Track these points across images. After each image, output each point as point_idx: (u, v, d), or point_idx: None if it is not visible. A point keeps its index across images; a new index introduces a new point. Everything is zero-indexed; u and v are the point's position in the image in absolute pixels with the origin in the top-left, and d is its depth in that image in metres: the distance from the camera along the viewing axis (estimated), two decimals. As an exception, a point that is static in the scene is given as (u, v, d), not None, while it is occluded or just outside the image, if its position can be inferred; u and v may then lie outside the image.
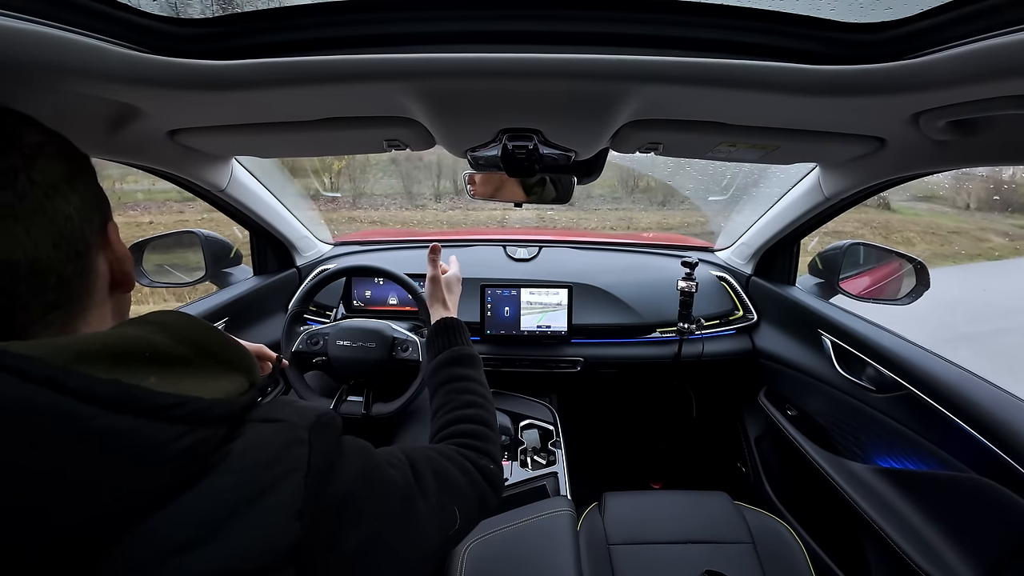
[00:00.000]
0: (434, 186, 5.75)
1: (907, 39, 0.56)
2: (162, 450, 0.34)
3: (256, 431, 0.41)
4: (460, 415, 0.72)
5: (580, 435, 1.69)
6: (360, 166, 2.07)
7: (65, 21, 0.53)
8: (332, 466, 0.44)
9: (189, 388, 0.38)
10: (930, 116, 0.68)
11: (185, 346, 0.40)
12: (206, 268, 1.52)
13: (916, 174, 0.99)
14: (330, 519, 0.42)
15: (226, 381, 0.42)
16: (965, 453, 0.96)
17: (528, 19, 0.59)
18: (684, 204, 4.58)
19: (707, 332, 1.64)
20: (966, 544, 0.94)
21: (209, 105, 0.76)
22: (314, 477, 0.41)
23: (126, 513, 0.33)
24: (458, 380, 0.79)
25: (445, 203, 5.59)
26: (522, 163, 0.93)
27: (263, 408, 0.45)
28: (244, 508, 0.36)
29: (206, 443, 0.37)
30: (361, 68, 0.62)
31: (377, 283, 1.66)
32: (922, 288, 1.31)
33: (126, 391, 0.33)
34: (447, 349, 0.85)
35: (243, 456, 0.39)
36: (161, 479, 0.35)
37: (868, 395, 1.21)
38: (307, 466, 0.40)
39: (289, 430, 0.42)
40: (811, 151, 0.99)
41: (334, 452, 0.45)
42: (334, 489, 0.43)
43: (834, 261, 1.49)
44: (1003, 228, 6.93)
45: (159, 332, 0.39)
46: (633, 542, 1.13)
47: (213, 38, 0.61)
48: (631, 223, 4.99)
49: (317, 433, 0.44)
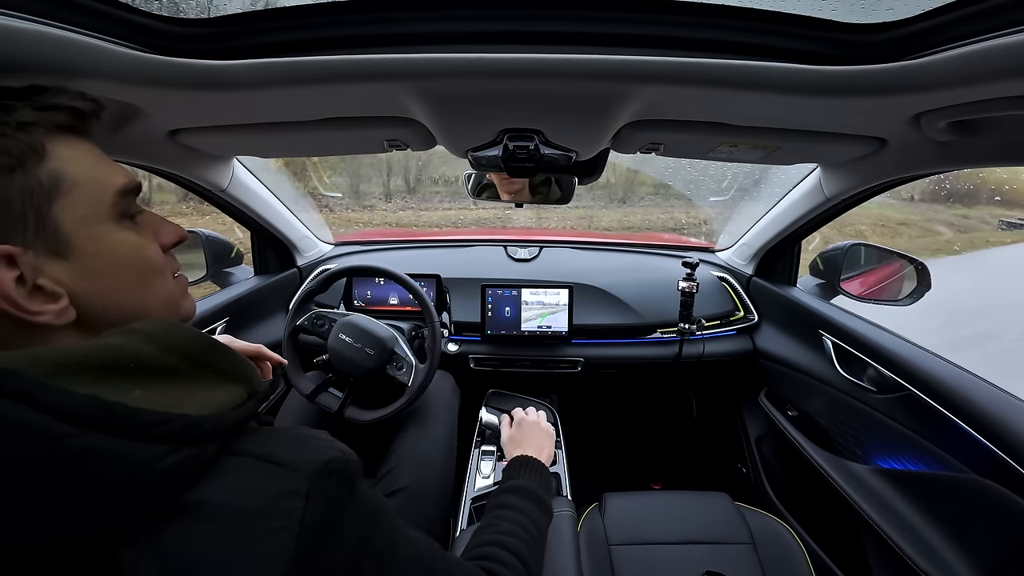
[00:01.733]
0: (384, 184, 5.43)
1: (908, 40, 0.56)
2: (142, 472, 0.32)
3: (249, 471, 0.38)
4: (496, 539, 0.70)
5: (580, 435, 1.69)
6: (302, 162, 1.99)
7: (66, 21, 0.53)
8: (332, 525, 0.39)
9: (178, 401, 0.36)
10: (931, 117, 0.68)
11: (174, 356, 0.38)
12: (207, 268, 1.52)
13: (917, 175, 0.99)
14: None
15: (221, 392, 0.40)
16: (966, 454, 0.95)
17: (530, 19, 0.59)
18: (644, 201, 4.53)
19: (708, 333, 1.64)
20: (967, 545, 0.94)
21: (210, 105, 0.76)
22: (306, 537, 0.36)
23: (99, 543, 0.31)
24: (509, 508, 0.78)
25: (396, 203, 5.32)
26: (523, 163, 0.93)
27: (267, 443, 0.41)
28: (221, 563, 0.33)
29: (191, 462, 0.35)
30: (362, 68, 0.62)
31: (378, 283, 1.66)
32: (923, 289, 1.31)
33: (105, 408, 0.32)
34: (512, 479, 0.88)
35: (228, 504, 0.35)
36: (139, 506, 0.32)
37: (869, 396, 1.20)
38: (299, 525, 0.36)
39: (287, 477, 0.38)
40: (812, 151, 0.99)
41: (338, 509, 0.40)
42: (330, 553, 0.39)
43: (835, 262, 1.49)
44: (947, 218, 7.20)
45: (145, 342, 0.37)
46: (633, 543, 1.12)
47: (214, 38, 0.61)
48: (591, 222, 4.94)
49: (319, 484, 0.39)
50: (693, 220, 3.61)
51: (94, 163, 0.43)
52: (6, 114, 0.39)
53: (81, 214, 0.40)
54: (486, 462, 1.31)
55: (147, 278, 0.46)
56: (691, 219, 3.68)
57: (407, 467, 1.11)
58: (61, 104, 0.42)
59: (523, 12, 0.59)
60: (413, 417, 1.24)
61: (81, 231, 0.40)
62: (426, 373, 1.20)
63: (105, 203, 0.42)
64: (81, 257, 0.40)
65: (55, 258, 0.39)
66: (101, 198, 0.42)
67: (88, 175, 0.41)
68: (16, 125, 0.38)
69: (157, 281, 0.47)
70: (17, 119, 0.39)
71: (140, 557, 0.32)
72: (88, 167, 0.42)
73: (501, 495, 0.84)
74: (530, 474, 0.91)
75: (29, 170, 0.38)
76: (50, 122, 0.41)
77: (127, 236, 0.44)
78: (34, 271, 0.38)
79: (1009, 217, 7.20)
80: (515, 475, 0.91)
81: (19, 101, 0.40)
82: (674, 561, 1.08)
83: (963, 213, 7.34)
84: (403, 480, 1.08)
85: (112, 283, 0.43)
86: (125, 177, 0.44)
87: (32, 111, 0.40)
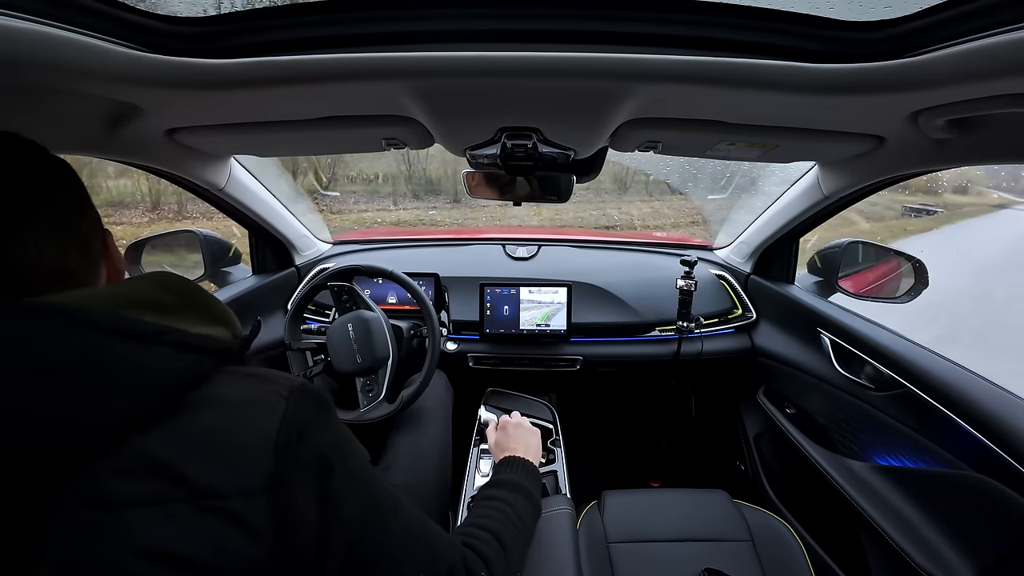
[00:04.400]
0: (291, 184, 5.29)
1: (906, 37, 0.56)
2: (149, 367, 0.40)
3: (239, 380, 0.46)
4: (473, 522, 0.76)
5: (579, 434, 1.69)
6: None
7: (64, 20, 0.53)
8: (308, 425, 0.46)
9: (179, 325, 0.44)
10: (929, 114, 0.68)
11: (171, 295, 0.46)
12: (205, 267, 1.51)
13: (915, 172, 0.99)
14: (300, 471, 0.44)
15: (210, 327, 0.48)
16: (963, 451, 0.96)
17: (527, 18, 0.59)
18: (603, 196, 4.47)
19: (706, 331, 1.64)
20: (964, 541, 0.94)
21: (208, 104, 0.75)
22: (288, 425, 0.44)
23: (116, 423, 0.37)
24: (493, 500, 0.85)
25: (302, 205, 5.21)
26: (521, 162, 0.93)
27: (254, 368, 0.49)
28: (222, 434, 0.40)
29: (192, 369, 0.43)
30: (360, 67, 0.62)
31: (376, 282, 1.66)
32: (921, 287, 1.31)
33: (120, 319, 0.40)
34: (497, 475, 0.95)
35: (223, 396, 0.43)
36: (148, 395, 0.39)
37: (867, 393, 1.21)
38: (282, 414, 0.44)
39: (270, 384, 0.46)
40: (810, 150, 0.99)
41: (312, 416, 0.47)
42: (309, 446, 0.45)
43: (833, 259, 1.49)
44: (858, 206, 7.21)
45: (154, 285, 0.46)
46: (633, 540, 1.13)
47: (212, 37, 0.61)
48: (558, 215, 4.87)
49: (298, 395, 0.46)
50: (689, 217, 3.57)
51: None
52: None
53: None
54: (485, 460, 1.31)
55: None
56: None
57: (403, 465, 1.12)
58: None
59: (520, 10, 0.59)
60: (408, 416, 1.24)
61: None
62: (386, 412, 1.20)
63: None
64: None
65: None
66: None
67: None
68: None
69: None
70: None
71: (151, 437, 0.38)
72: None
73: (484, 490, 0.90)
74: (512, 469, 0.96)
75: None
76: None
77: None
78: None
79: (911, 203, 7.20)
80: (500, 472, 0.96)
81: None
82: (673, 559, 1.08)
83: (871, 200, 7.35)
84: (399, 478, 1.08)
85: None
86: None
87: None
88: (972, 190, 8.74)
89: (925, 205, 7.58)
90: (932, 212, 7.50)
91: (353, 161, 4.69)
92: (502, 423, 1.15)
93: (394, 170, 6.84)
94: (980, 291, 4.78)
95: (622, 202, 7.97)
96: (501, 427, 1.14)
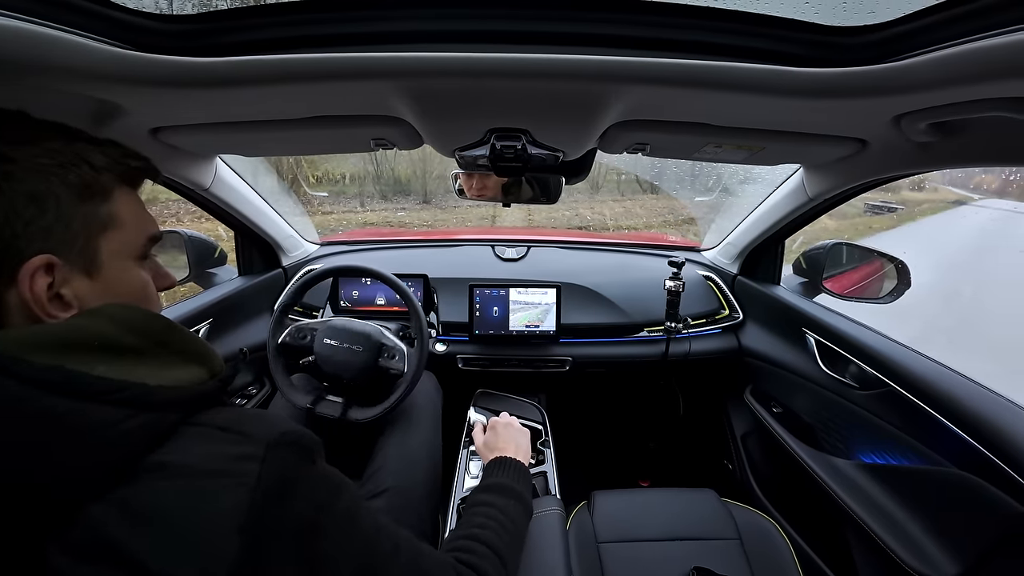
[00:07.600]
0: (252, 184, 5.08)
1: (889, 42, 0.57)
2: (104, 431, 0.36)
3: (207, 438, 0.42)
4: (469, 533, 0.75)
5: (569, 434, 1.69)
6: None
7: (47, 17, 0.52)
8: (290, 485, 0.43)
9: (142, 377, 0.40)
10: (912, 118, 0.70)
11: (133, 336, 0.43)
12: (190, 268, 1.49)
13: (898, 175, 1.01)
14: (279, 543, 0.40)
15: (182, 371, 0.45)
16: (945, 448, 0.98)
17: (516, 19, 0.59)
18: (575, 196, 4.39)
19: (694, 331, 1.66)
20: (947, 537, 0.96)
21: (193, 103, 0.74)
22: (263, 495, 0.40)
23: (69, 502, 0.35)
24: (482, 505, 0.83)
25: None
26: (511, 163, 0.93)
27: (229, 415, 0.45)
28: (180, 514, 0.37)
29: (151, 427, 0.39)
30: (348, 66, 0.61)
31: (364, 283, 1.65)
32: (903, 287, 1.33)
33: (66, 375, 0.37)
34: (489, 478, 0.93)
35: (184, 465, 0.39)
36: (105, 461, 0.37)
37: (851, 392, 1.22)
38: (254, 484, 0.40)
39: (243, 443, 0.42)
40: (795, 152, 1.00)
41: (294, 472, 0.44)
42: (291, 512, 0.42)
43: (818, 260, 1.51)
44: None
45: (108, 323, 0.42)
46: (622, 540, 1.13)
47: (198, 35, 0.60)
48: (527, 219, 4.82)
49: (276, 451, 0.43)
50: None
51: (140, 211, 0.52)
52: (87, 154, 0.46)
53: (117, 248, 0.49)
54: (475, 462, 1.30)
55: (142, 306, 0.52)
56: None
57: (393, 468, 1.11)
58: (131, 163, 0.51)
59: (509, 12, 0.59)
60: (397, 417, 1.23)
61: (113, 261, 0.48)
62: (419, 358, 1.20)
63: (137, 244, 0.51)
64: (103, 280, 0.47)
65: (83, 276, 0.46)
66: (136, 240, 0.51)
67: (133, 220, 0.51)
68: (93, 167, 0.46)
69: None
70: (94, 162, 0.47)
71: (108, 509, 0.36)
72: (135, 214, 0.51)
73: (475, 495, 0.88)
74: (504, 471, 0.95)
75: (97, 204, 0.47)
76: (120, 171, 0.50)
77: (141, 273, 0.52)
78: (63, 282, 0.44)
79: (872, 200, 7.33)
80: (491, 475, 0.94)
81: (94, 147, 0.48)
82: (662, 558, 1.09)
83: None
84: (389, 480, 1.07)
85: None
86: (155, 228, 0.54)
87: (105, 158, 0.48)
88: (928, 187, 8.90)
89: (886, 203, 7.73)
90: (893, 209, 7.63)
91: (319, 160, 4.54)
92: (491, 423, 1.14)
93: (361, 170, 6.57)
94: (951, 290, 4.88)
95: (594, 202, 7.95)
96: (491, 427, 1.13)
